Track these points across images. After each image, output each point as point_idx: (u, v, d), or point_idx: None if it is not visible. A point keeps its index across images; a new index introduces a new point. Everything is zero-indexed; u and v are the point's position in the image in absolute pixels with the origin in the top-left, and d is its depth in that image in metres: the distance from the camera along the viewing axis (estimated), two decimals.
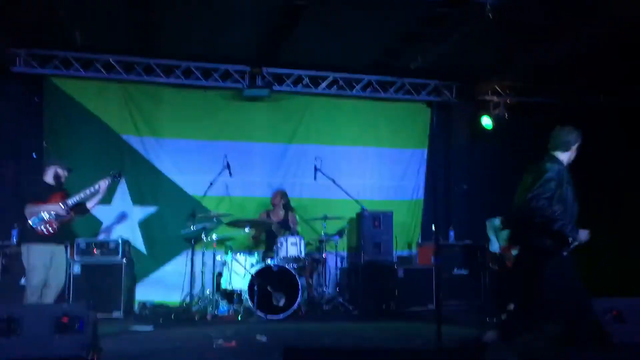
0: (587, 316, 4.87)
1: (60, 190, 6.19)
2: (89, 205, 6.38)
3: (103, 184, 6.33)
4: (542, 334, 5.11)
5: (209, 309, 7.33)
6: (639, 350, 5.02)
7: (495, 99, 9.37)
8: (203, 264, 7.72)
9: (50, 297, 5.96)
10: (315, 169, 8.51)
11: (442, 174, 9.83)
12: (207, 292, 7.65)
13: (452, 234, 9.11)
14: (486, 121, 9.29)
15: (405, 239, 9.38)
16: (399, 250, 8.94)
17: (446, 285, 8.44)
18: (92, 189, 6.28)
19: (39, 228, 5.90)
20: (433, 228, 9.18)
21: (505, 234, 7.44)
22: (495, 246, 7.76)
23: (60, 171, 6.24)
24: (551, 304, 4.85)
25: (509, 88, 9.43)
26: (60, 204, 6.03)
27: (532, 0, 6.53)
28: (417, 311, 7.93)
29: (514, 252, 7.26)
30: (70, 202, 6.10)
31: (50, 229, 5.95)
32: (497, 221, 7.76)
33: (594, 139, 8.81)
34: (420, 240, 9.30)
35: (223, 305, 7.50)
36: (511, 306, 5.13)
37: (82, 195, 6.20)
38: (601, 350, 4.94)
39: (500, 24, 6.65)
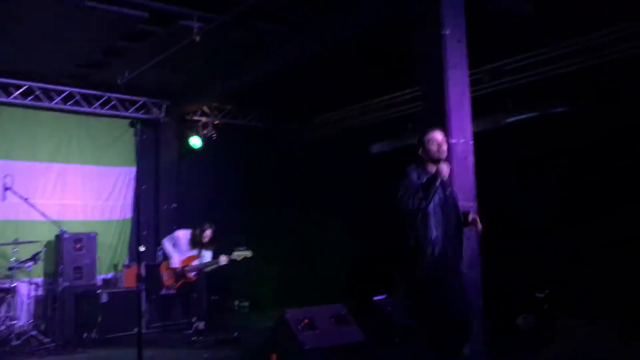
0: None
1: None
2: None
3: None
4: None
5: None
6: (328, 353, 5.58)
7: (203, 119, 9.55)
8: None
9: None
10: (5, 188, 7.59)
11: (151, 193, 9.62)
12: None
13: (160, 254, 8.92)
14: (194, 141, 9.39)
15: (111, 261, 8.93)
16: (105, 273, 8.51)
17: (156, 307, 8.22)
18: None
19: None
20: (142, 249, 8.87)
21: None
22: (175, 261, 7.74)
23: None
24: None
25: (216, 109, 9.71)
26: None
27: (238, 26, 6.76)
28: (120, 336, 7.48)
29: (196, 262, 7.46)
30: None
31: None
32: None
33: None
34: (127, 262, 8.94)
35: None
36: None
37: None
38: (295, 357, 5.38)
39: (207, 46, 6.77)
